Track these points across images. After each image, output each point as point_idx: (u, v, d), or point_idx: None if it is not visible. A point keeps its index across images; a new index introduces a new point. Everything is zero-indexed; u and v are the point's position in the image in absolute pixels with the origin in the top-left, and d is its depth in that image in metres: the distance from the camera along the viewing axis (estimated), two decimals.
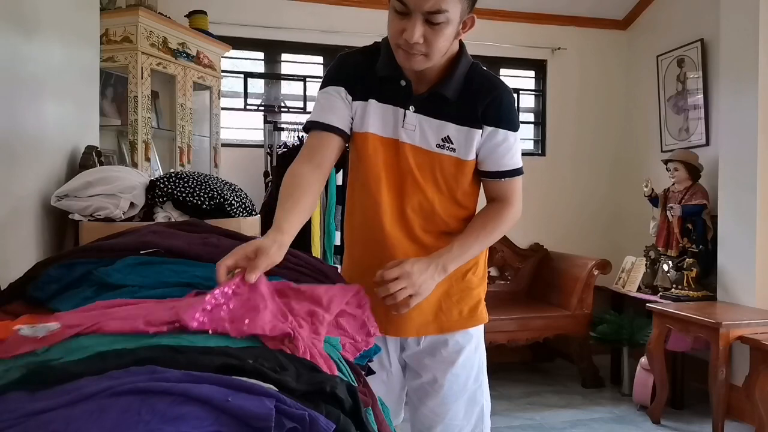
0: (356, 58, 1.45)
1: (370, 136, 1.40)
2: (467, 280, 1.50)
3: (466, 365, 1.51)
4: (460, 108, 1.38)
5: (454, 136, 1.38)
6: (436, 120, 1.38)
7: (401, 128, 1.38)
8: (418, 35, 1.23)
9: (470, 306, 1.50)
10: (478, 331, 1.55)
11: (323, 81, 1.45)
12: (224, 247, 1.19)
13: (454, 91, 1.37)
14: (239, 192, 1.97)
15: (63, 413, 0.62)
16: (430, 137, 1.39)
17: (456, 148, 1.39)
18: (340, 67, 1.44)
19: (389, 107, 1.40)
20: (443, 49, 1.30)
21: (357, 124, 1.42)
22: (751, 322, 2.84)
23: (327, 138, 1.38)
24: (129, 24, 2.85)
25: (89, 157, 2.06)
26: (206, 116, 3.50)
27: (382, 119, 1.40)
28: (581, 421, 3.18)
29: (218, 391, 0.65)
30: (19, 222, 1.69)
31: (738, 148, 3.21)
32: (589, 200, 4.47)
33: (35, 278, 1.11)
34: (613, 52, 4.47)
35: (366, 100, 1.40)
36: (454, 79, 1.37)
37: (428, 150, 1.39)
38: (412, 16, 1.23)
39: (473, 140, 1.38)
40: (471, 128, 1.38)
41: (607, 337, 3.64)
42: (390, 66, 1.37)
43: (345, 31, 3.87)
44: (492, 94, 1.38)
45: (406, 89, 1.39)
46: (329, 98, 1.40)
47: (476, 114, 1.38)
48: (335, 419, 0.69)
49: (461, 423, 1.53)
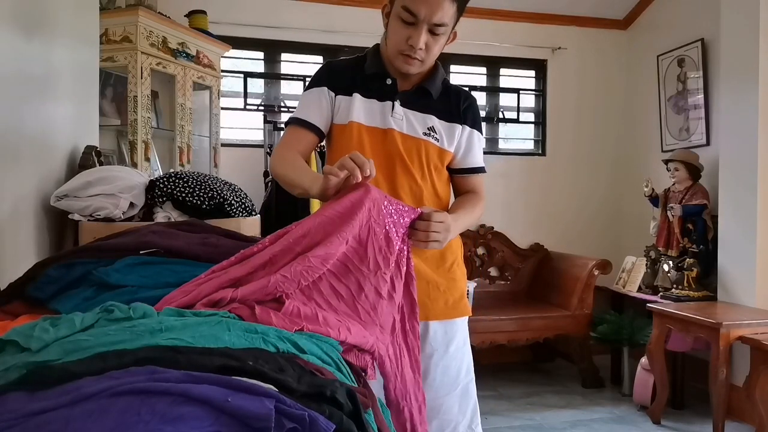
0: (342, 62, 1.62)
1: (354, 125, 1.50)
2: (452, 271, 1.58)
3: (456, 356, 1.56)
4: (442, 104, 1.56)
5: (437, 128, 1.54)
6: (421, 113, 1.53)
7: (390, 117, 1.51)
8: (423, 42, 1.41)
9: (455, 297, 1.57)
10: (463, 324, 1.61)
11: (309, 83, 1.57)
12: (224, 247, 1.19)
13: (436, 89, 1.55)
14: (239, 192, 1.97)
15: (63, 413, 0.62)
16: (417, 126, 1.52)
17: (439, 139, 1.54)
18: (325, 70, 1.57)
19: (375, 101, 1.51)
20: (436, 56, 1.49)
21: (340, 117, 1.52)
22: (752, 322, 2.84)
23: (304, 133, 1.51)
24: (129, 24, 2.85)
25: (89, 157, 2.06)
26: (206, 116, 3.50)
27: (367, 111, 1.51)
28: (581, 422, 3.18)
29: (218, 391, 0.65)
30: (18, 222, 1.69)
31: (738, 148, 3.21)
32: (589, 200, 4.47)
33: (35, 278, 1.11)
34: (613, 52, 4.47)
35: (350, 95, 1.51)
36: (436, 79, 1.56)
37: (415, 136, 1.52)
38: (419, 26, 1.39)
39: (455, 134, 1.55)
40: (453, 123, 1.55)
41: (608, 337, 3.63)
42: (377, 65, 1.53)
43: (345, 31, 3.87)
44: (469, 99, 1.60)
45: (392, 86, 1.53)
46: (311, 99, 1.53)
47: (458, 111, 1.56)
48: (338, 420, 0.69)
49: (456, 418, 1.55)
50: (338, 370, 0.89)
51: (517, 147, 4.57)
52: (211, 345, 0.78)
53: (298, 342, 0.87)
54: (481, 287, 3.94)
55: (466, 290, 1.63)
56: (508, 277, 4.26)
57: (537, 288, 4.19)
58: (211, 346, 0.78)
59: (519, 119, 4.45)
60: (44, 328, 0.80)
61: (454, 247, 1.58)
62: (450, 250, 1.56)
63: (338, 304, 1.06)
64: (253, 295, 0.95)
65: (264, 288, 0.96)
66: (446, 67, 4.23)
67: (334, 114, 1.52)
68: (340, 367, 0.91)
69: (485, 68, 4.37)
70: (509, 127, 4.54)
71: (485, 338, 3.54)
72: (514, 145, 4.58)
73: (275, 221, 3.23)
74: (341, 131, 1.52)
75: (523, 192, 4.37)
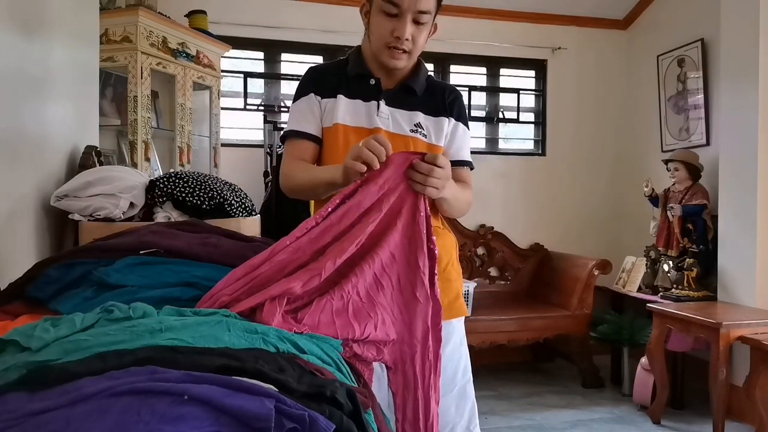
0: (324, 66, 1.64)
1: (339, 127, 1.49)
2: (447, 271, 1.56)
3: (453, 357, 1.54)
4: (427, 100, 1.55)
5: (424, 124, 1.53)
6: (406, 111, 1.53)
7: (376, 117, 1.50)
8: (409, 32, 1.40)
9: (450, 298, 1.55)
10: (460, 324, 1.60)
11: (295, 94, 1.56)
12: (224, 247, 1.19)
13: (420, 86, 1.54)
14: (239, 192, 1.97)
15: (63, 413, 0.62)
16: (404, 124, 1.52)
17: (427, 134, 1.53)
18: (308, 77, 1.56)
19: (359, 101, 1.51)
20: (422, 47, 1.47)
21: (326, 120, 1.52)
22: (752, 322, 2.84)
23: (304, 144, 1.52)
24: (129, 24, 2.85)
25: (89, 157, 2.06)
26: (206, 116, 3.50)
27: (351, 112, 1.51)
28: (581, 422, 3.18)
29: (218, 391, 0.65)
30: (18, 222, 1.69)
31: (738, 148, 3.21)
32: (589, 200, 4.46)
33: (35, 278, 1.11)
34: (613, 52, 4.47)
35: (335, 96, 1.51)
36: (420, 76, 1.55)
37: (403, 134, 1.51)
38: (403, 16, 1.38)
39: (442, 128, 1.54)
40: (440, 117, 1.55)
41: (608, 337, 3.63)
42: (360, 66, 1.53)
43: (345, 31, 3.87)
44: (454, 92, 1.59)
45: (376, 86, 1.52)
46: (301, 108, 1.53)
47: (444, 104, 1.56)
48: (338, 420, 0.69)
49: (453, 419, 1.54)
50: (338, 370, 0.89)
51: (517, 147, 4.57)
52: (211, 345, 0.78)
53: (298, 342, 0.87)
54: (481, 287, 3.93)
55: (461, 290, 1.62)
56: (508, 277, 4.26)
57: (537, 288, 4.19)
58: (211, 346, 0.78)
59: (519, 119, 4.44)
60: (45, 328, 0.80)
61: (448, 247, 1.57)
62: (444, 249, 1.54)
63: (377, 295, 1.09)
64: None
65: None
66: (446, 67, 4.23)
67: (323, 117, 1.53)
68: (340, 367, 0.91)
69: (485, 68, 4.37)
70: (509, 127, 4.54)
71: (485, 338, 3.54)
72: (514, 145, 4.58)
73: (275, 221, 3.23)
74: (328, 133, 1.52)
75: (523, 192, 4.37)
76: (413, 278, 1.14)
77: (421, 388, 1.14)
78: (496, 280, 4.23)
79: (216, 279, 1.04)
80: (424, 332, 1.14)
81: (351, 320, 1.02)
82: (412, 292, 1.14)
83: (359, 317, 1.04)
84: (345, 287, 1.05)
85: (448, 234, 1.60)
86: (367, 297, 1.07)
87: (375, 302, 1.08)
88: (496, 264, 4.24)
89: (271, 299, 0.96)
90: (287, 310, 0.99)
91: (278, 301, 0.96)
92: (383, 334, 1.07)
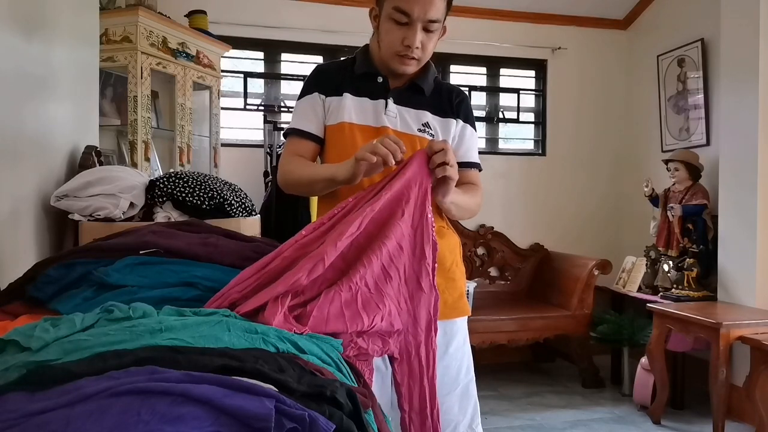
0: (331, 64, 1.63)
1: (346, 125, 1.49)
2: (451, 271, 1.56)
3: (456, 356, 1.55)
4: (435, 100, 1.55)
5: (432, 124, 1.53)
6: (414, 110, 1.52)
7: (383, 115, 1.50)
8: (419, 41, 1.41)
9: (454, 297, 1.56)
10: (463, 324, 1.60)
11: (301, 92, 1.56)
12: (224, 247, 1.19)
13: (429, 86, 1.54)
14: (239, 192, 1.97)
15: (62, 413, 0.62)
16: (411, 123, 1.51)
17: (434, 134, 1.52)
18: (313, 75, 1.57)
19: (366, 100, 1.51)
20: (431, 53, 1.48)
21: (331, 118, 1.51)
22: (752, 322, 2.84)
23: (305, 143, 1.52)
24: (129, 24, 2.85)
25: (89, 157, 2.06)
26: (206, 116, 3.49)
27: (358, 110, 1.50)
28: (581, 422, 3.18)
29: (218, 391, 0.64)
30: (18, 222, 1.69)
31: (738, 148, 3.21)
32: (589, 200, 4.46)
33: (35, 278, 1.11)
34: (613, 52, 4.47)
35: (340, 95, 1.51)
36: (428, 76, 1.55)
37: (410, 134, 1.50)
38: (413, 25, 1.39)
39: (450, 129, 1.54)
40: (447, 118, 1.54)
41: (608, 337, 3.63)
42: (367, 65, 1.53)
43: (345, 31, 3.87)
44: (461, 95, 1.59)
45: (384, 84, 1.52)
46: (305, 107, 1.53)
47: (451, 105, 1.55)
48: (338, 420, 0.69)
49: (456, 418, 1.54)
50: (338, 370, 0.89)
51: (517, 147, 4.57)
52: (211, 345, 0.78)
53: (298, 342, 0.87)
54: (481, 287, 3.93)
55: (465, 290, 1.62)
56: (508, 277, 4.26)
57: (537, 288, 4.19)
58: (211, 346, 0.78)
59: (519, 119, 4.44)
60: (45, 328, 0.80)
61: (452, 247, 1.58)
62: (449, 250, 1.55)
63: (385, 286, 1.10)
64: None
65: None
66: (446, 66, 4.23)
67: (327, 116, 1.52)
68: (340, 367, 0.91)
69: (485, 68, 4.37)
70: (509, 127, 4.54)
71: (485, 338, 3.54)
72: (514, 145, 4.58)
73: (275, 221, 3.23)
74: (333, 132, 1.51)
75: (523, 192, 4.37)
76: (419, 268, 1.15)
77: (426, 377, 1.15)
78: (496, 280, 4.23)
79: (216, 279, 1.05)
80: (427, 322, 1.15)
81: (360, 311, 1.03)
82: (417, 282, 1.15)
83: (368, 308, 1.04)
84: (353, 278, 1.05)
85: (452, 234, 1.60)
86: (376, 288, 1.08)
87: (383, 293, 1.09)
88: (496, 264, 4.24)
89: (274, 299, 0.96)
90: (296, 303, 0.99)
91: (281, 300, 0.96)
92: (388, 325, 1.07)
